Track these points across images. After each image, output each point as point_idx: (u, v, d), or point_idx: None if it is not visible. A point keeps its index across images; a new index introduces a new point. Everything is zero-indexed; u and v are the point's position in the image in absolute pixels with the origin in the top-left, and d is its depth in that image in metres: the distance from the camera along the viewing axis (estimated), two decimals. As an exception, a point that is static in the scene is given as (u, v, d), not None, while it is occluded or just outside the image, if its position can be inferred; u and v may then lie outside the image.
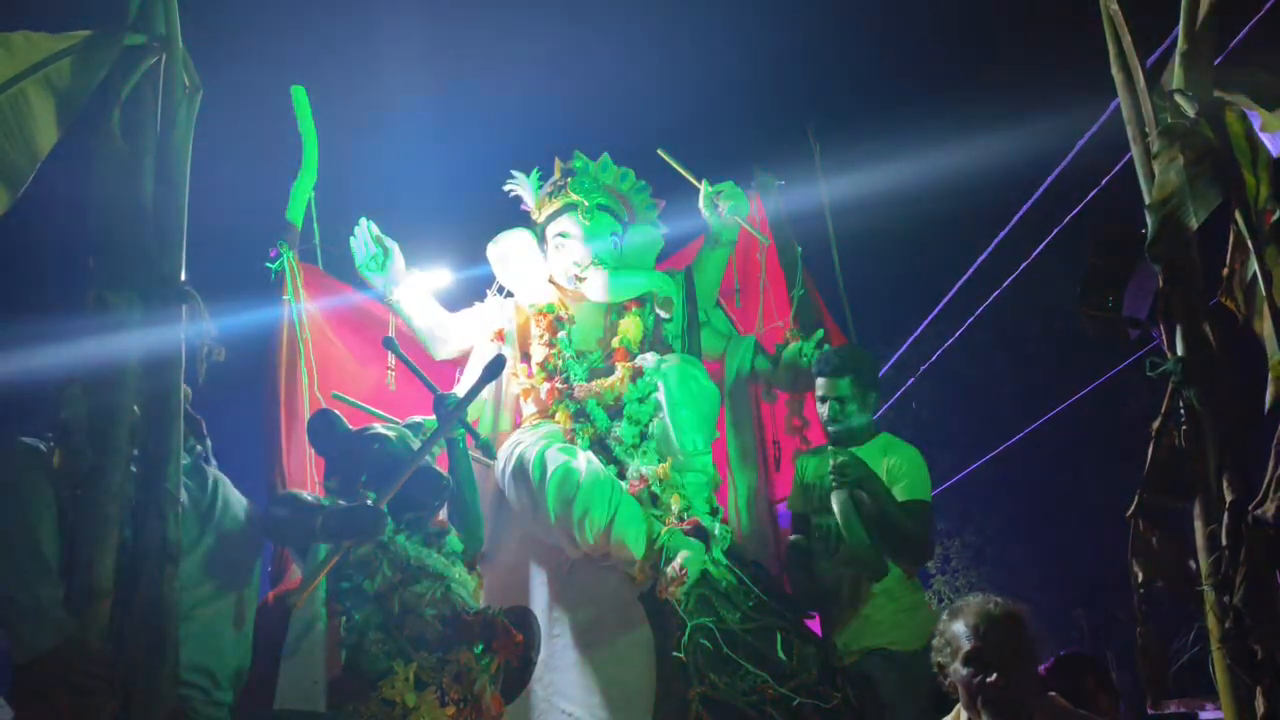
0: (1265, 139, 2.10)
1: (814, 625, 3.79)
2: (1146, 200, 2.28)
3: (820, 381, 3.86)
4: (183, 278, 2.38)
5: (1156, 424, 2.07)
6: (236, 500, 2.84)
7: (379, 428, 3.26)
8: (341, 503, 2.93)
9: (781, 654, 3.43)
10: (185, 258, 2.46)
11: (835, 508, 3.54)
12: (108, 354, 2.28)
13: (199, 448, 2.84)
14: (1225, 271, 2.18)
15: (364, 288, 4.24)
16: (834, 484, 3.55)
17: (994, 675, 2.43)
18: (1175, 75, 2.35)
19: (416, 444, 3.20)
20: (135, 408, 2.26)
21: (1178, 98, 2.29)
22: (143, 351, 2.28)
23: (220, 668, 2.62)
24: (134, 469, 2.25)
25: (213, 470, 2.79)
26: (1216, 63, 2.36)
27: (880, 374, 4.38)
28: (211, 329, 2.39)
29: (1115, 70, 2.44)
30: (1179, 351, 2.11)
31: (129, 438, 2.22)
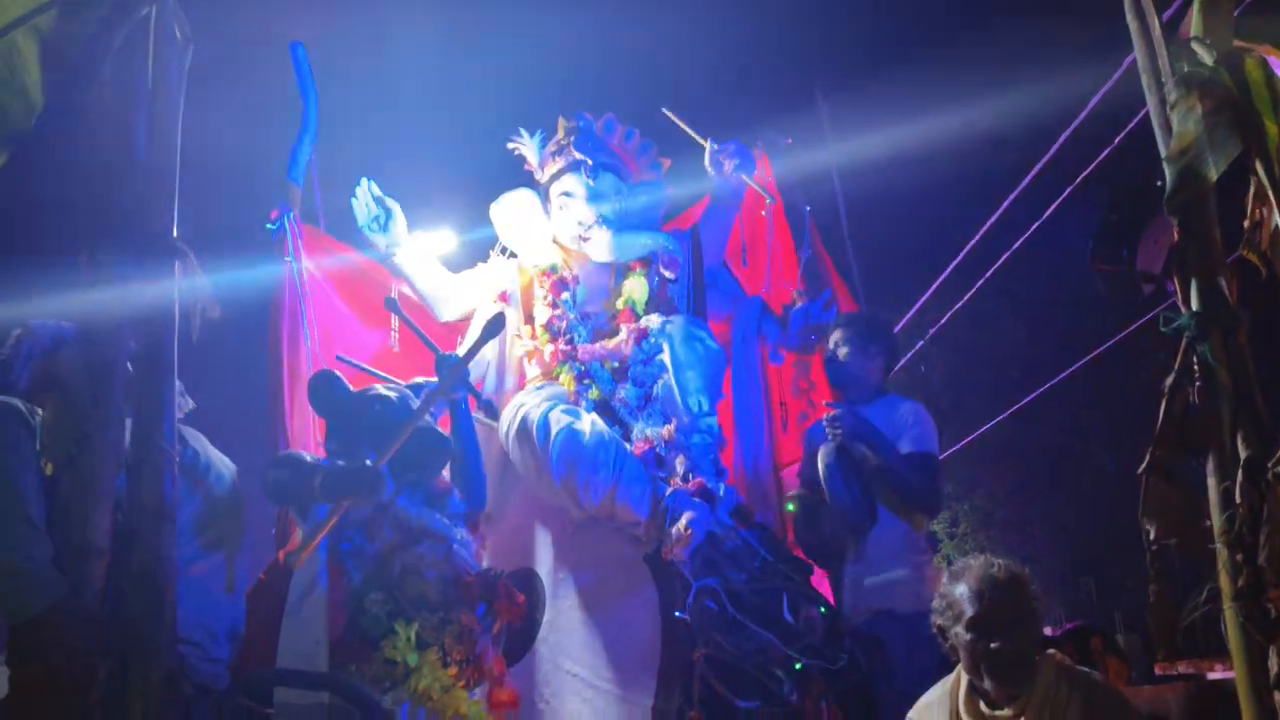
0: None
1: (823, 588, 3.78)
2: (1163, 153, 2.22)
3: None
4: (175, 234, 2.34)
5: (1170, 380, 2.02)
6: (218, 459, 2.82)
7: (380, 389, 3.23)
8: (341, 464, 2.91)
9: (788, 615, 3.42)
10: (183, 216, 2.43)
11: (819, 459, 3.55)
12: (102, 310, 2.24)
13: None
14: (1246, 223, 2.12)
15: (366, 249, 4.20)
16: (829, 436, 3.56)
17: (997, 641, 2.41)
18: (1194, 22, 2.28)
19: (418, 405, 3.17)
20: (129, 365, 2.24)
21: (1195, 45, 2.22)
22: (136, 308, 2.24)
23: (216, 624, 2.62)
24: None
25: (191, 430, 2.77)
26: (1237, 11, 2.29)
27: (893, 333, 4.34)
28: (205, 285, 2.35)
29: (1130, 18, 2.37)
30: (1194, 306, 2.06)
31: (123, 395, 2.19)
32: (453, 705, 2.78)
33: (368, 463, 2.84)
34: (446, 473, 3.28)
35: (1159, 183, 2.18)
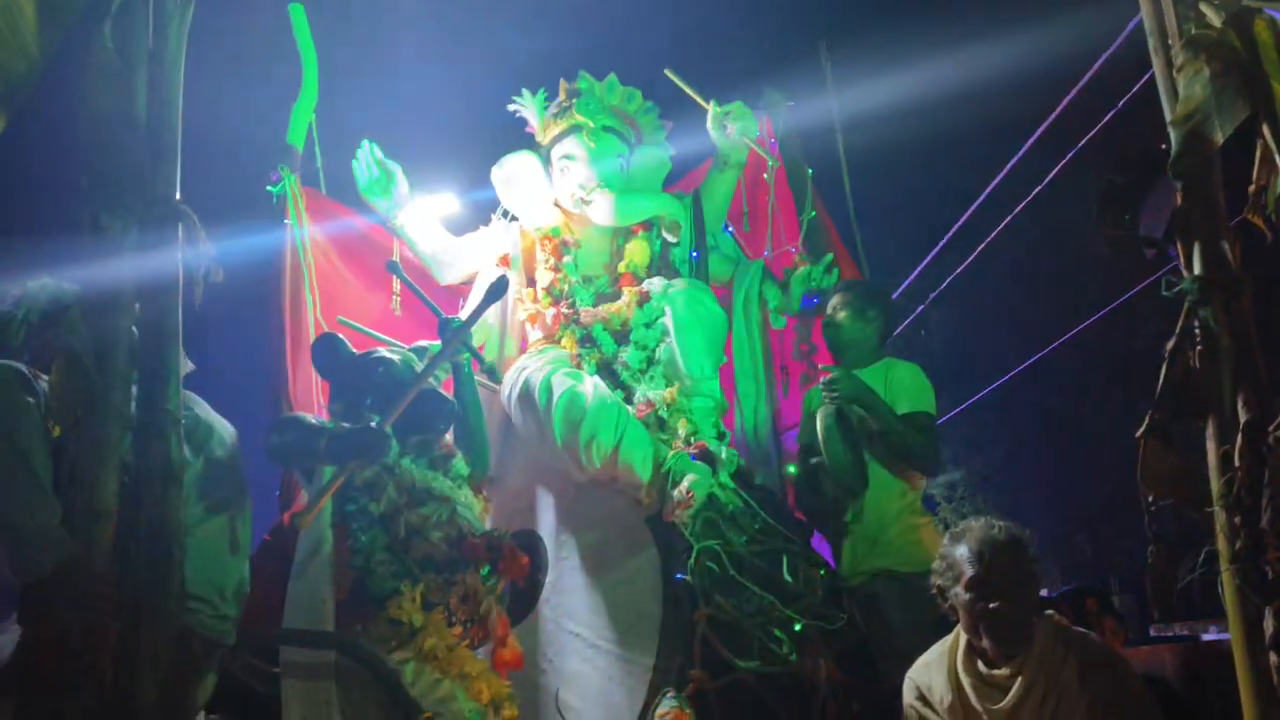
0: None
1: (823, 550, 3.81)
2: (1168, 116, 2.20)
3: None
4: (178, 196, 2.33)
5: (1171, 344, 2.03)
6: (218, 422, 2.83)
7: (383, 351, 3.24)
8: (346, 426, 2.92)
9: (788, 576, 3.44)
10: (183, 179, 2.42)
11: (818, 423, 3.57)
12: (105, 275, 2.24)
13: None
14: (1252, 188, 2.11)
15: (367, 212, 4.20)
16: (825, 400, 3.57)
17: (996, 602, 2.43)
18: (1202, -17, 2.25)
19: (421, 368, 3.18)
20: (134, 328, 2.24)
21: (1203, 6, 2.20)
22: (139, 272, 2.24)
23: (223, 582, 2.65)
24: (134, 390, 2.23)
25: (189, 393, 2.78)
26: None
27: (892, 298, 4.35)
28: (209, 249, 2.35)
29: (1138, -23, 2.34)
30: (1196, 270, 2.06)
31: (128, 359, 2.20)
32: (458, 665, 2.81)
33: (372, 425, 2.85)
34: (450, 436, 3.29)
35: (1164, 146, 2.17)
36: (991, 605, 2.44)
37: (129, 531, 2.12)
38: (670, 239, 4.15)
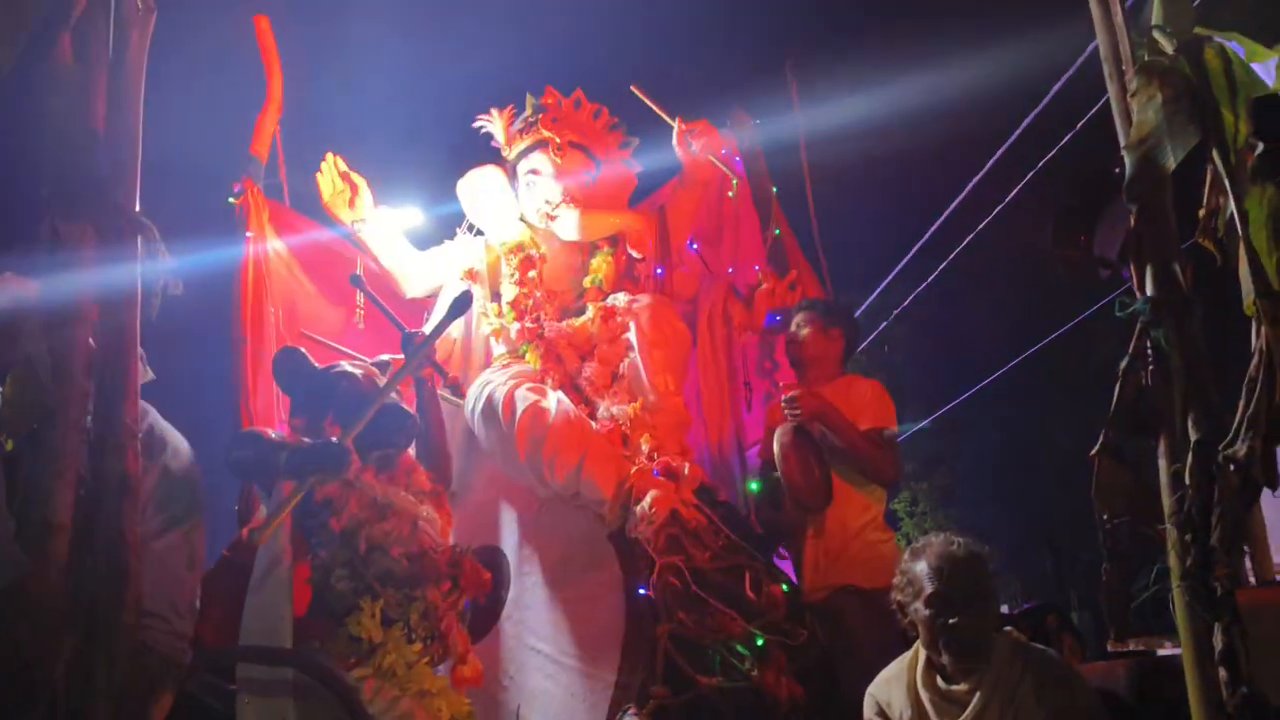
0: (1257, 70, 2.06)
1: (785, 566, 3.83)
2: (1122, 141, 2.25)
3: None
4: (137, 208, 2.31)
5: (1124, 363, 2.06)
6: (176, 436, 2.80)
7: (345, 365, 3.22)
8: (306, 440, 2.90)
9: (750, 592, 3.46)
10: (143, 190, 2.40)
11: (775, 440, 3.60)
12: (63, 287, 2.22)
13: None
14: (1202, 212, 2.16)
15: (331, 225, 4.18)
16: (787, 416, 3.60)
17: (955, 617, 2.45)
18: (1155, 10, 2.31)
19: (383, 382, 3.16)
20: (91, 341, 2.21)
21: (1156, 33, 2.25)
22: (98, 283, 2.22)
23: (179, 598, 2.61)
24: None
25: (144, 404, 2.75)
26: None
27: (854, 317, 4.40)
28: (168, 261, 2.33)
29: (1093, 6, 2.40)
30: (1149, 291, 2.10)
31: (85, 371, 2.17)
32: (417, 682, 2.79)
33: (333, 440, 2.83)
34: (412, 450, 3.28)
35: (1117, 169, 2.22)
36: (950, 621, 2.46)
37: (84, 546, 2.09)
38: (635, 255, 4.17)
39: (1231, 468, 1.86)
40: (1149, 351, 2.04)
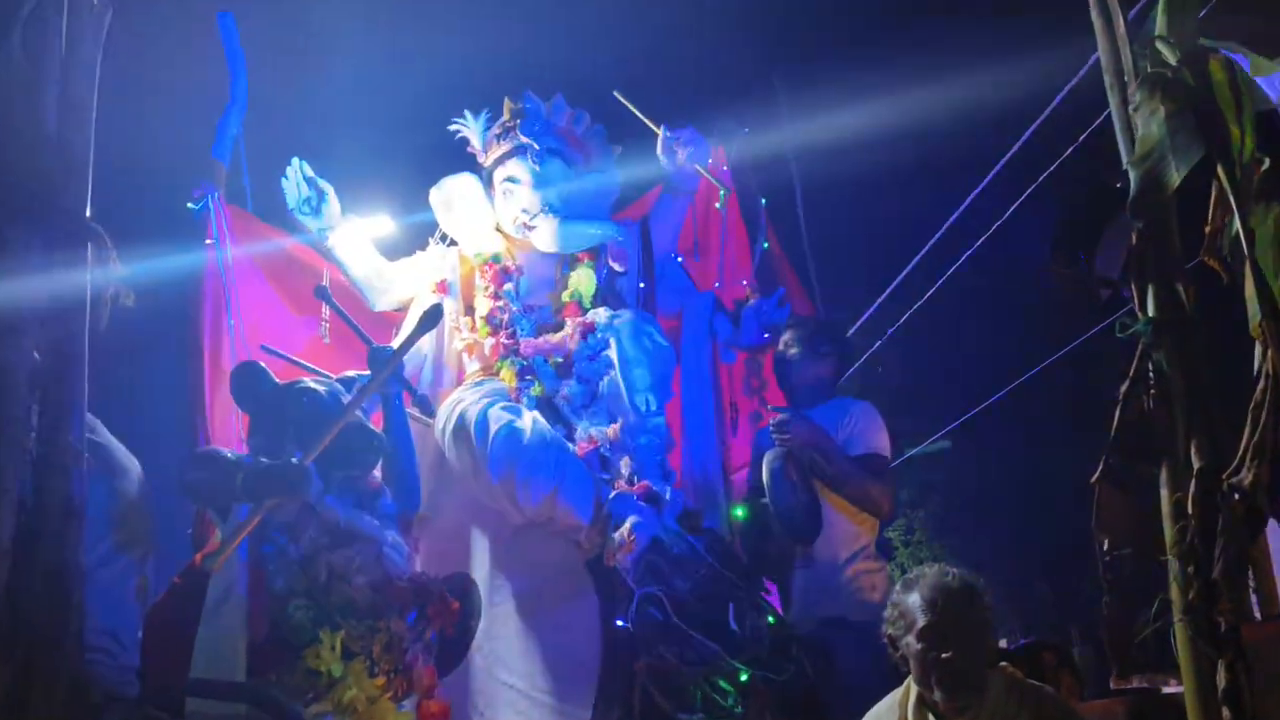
0: (1260, 83, 2.08)
1: (772, 597, 3.82)
2: (1124, 155, 2.27)
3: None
4: (88, 213, 2.29)
5: (1124, 387, 2.07)
6: (126, 455, 2.78)
7: (309, 382, 3.21)
8: (265, 461, 2.88)
9: (734, 624, 3.45)
10: (96, 194, 2.38)
11: (764, 467, 3.60)
12: (6, 295, 2.20)
13: None
14: (1207, 229, 2.17)
15: (296, 233, 4.16)
16: (775, 442, 3.60)
17: (949, 652, 2.45)
18: (1158, 21, 2.33)
19: (349, 399, 3.15)
20: (35, 353, 2.19)
21: (1159, 45, 2.27)
22: (44, 292, 2.20)
23: (125, 629, 2.58)
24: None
25: (92, 418, 2.72)
26: (1205, 10, 2.35)
27: (846, 337, 4.42)
28: (120, 269, 2.31)
29: (1094, 15, 2.42)
30: (1150, 312, 2.11)
31: (29, 386, 2.15)
32: (380, 718, 2.76)
33: (293, 460, 2.81)
34: (378, 472, 3.26)
35: (1118, 185, 2.23)
36: (943, 655, 2.45)
37: (24, 572, 2.06)
38: (617, 268, 4.17)
39: (1236, 496, 1.87)
40: (1150, 375, 2.05)
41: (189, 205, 3.90)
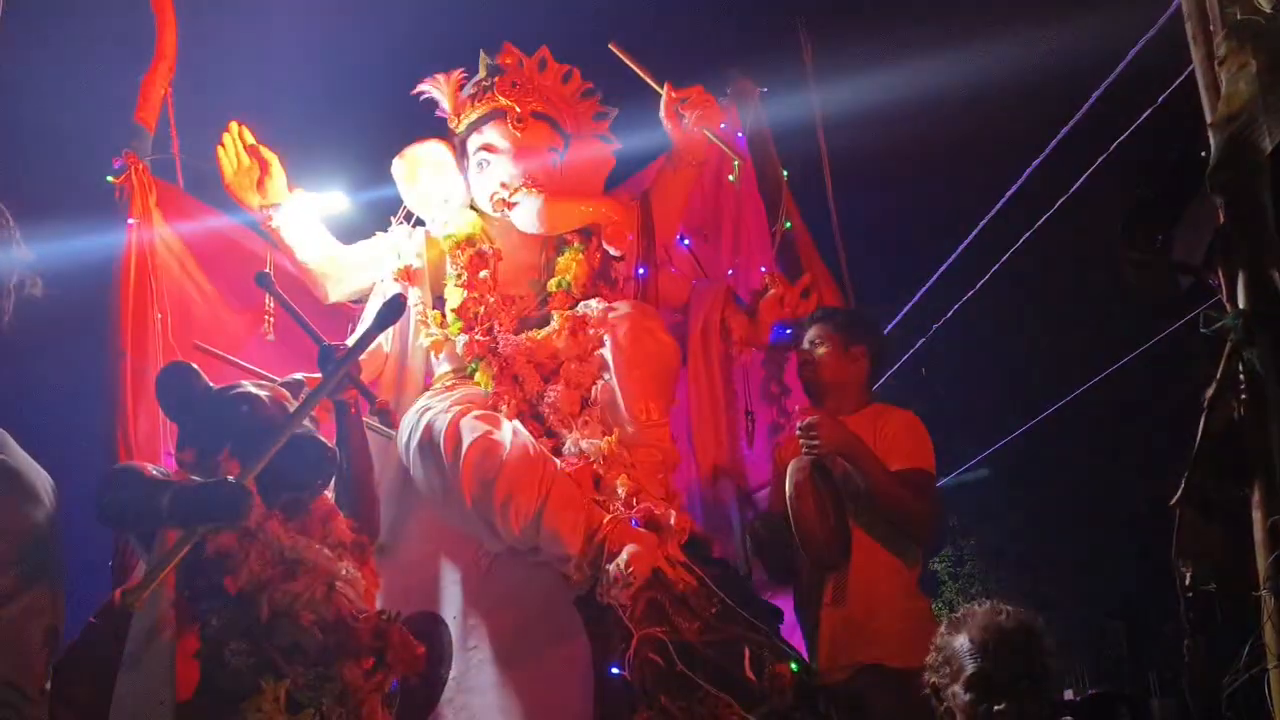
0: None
1: (795, 639, 3.82)
2: (1208, 117, 2.27)
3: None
4: (-13, 188, 2.29)
5: (1210, 392, 2.07)
6: (35, 470, 2.77)
7: (249, 386, 3.20)
8: (197, 479, 2.88)
9: (750, 672, 3.45)
10: (-1, 165, 2.39)
11: (788, 478, 3.59)
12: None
13: None
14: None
15: (234, 211, 4.17)
16: (803, 449, 3.59)
17: (1002, 704, 2.45)
18: (1248, -39, 2.33)
19: (295, 407, 3.14)
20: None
21: (1251, -12, 2.28)
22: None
23: (30, 679, 2.58)
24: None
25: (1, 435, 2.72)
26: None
27: (881, 333, 4.42)
28: (25, 254, 2.31)
29: (1174, -47, 2.42)
30: (1240, 304, 2.11)
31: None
32: (332, 782, 2.77)
33: (230, 479, 2.81)
34: (330, 492, 3.26)
35: (1203, 154, 2.23)
36: (996, 708, 2.46)
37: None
38: (612, 251, 4.17)
39: (1344, 521, 1.86)
40: (1241, 378, 2.04)
41: (107, 179, 3.90)
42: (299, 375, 3.50)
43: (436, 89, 4.36)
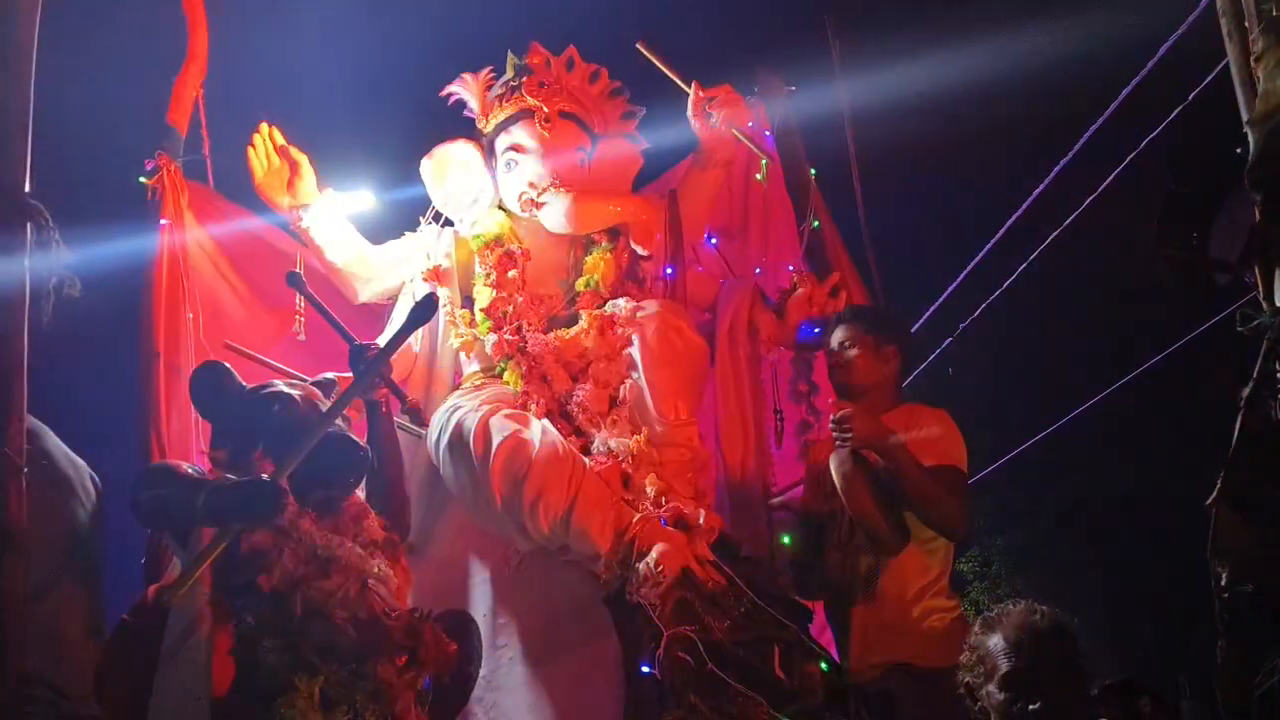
0: None
1: (825, 639, 3.82)
2: (1244, 114, 2.26)
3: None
4: (27, 189, 2.32)
5: (1247, 391, 2.06)
6: (80, 468, 2.81)
7: (281, 385, 3.23)
8: (230, 478, 2.91)
9: (780, 671, 3.45)
10: (36, 167, 2.41)
11: (833, 469, 3.59)
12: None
13: None
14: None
15: (265, 212, 4.20)
16: (838, 440, 3.59)
17: (1037, 702, 2.45)
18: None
19: (327, 407, 3.17)
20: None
21: (1287, -18, 2.26)
22: (-24, 281, 2.23)
23: (72, 673, 2.61)
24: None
25: (39, 425, 2.75)
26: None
27: (910, 331, 4.41)
28: (64, 255, 2.34)
29: (1209, -53, 2.41)
30: (1278, 301, 2.10)
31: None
32: (364, 778, 2.79)
33: (263, 477, 2.83)
34: (361, 491, 3.28)
35: (1239, 150, 2.22)
36: (1031, 707, 2.46)
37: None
38: (640, 251, 4.18)
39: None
40: (1278, 376, 2.04)
41: (140, 180, 3.93)
42: (330, 374, 3.52)
43: (464, 89, 4.37)
